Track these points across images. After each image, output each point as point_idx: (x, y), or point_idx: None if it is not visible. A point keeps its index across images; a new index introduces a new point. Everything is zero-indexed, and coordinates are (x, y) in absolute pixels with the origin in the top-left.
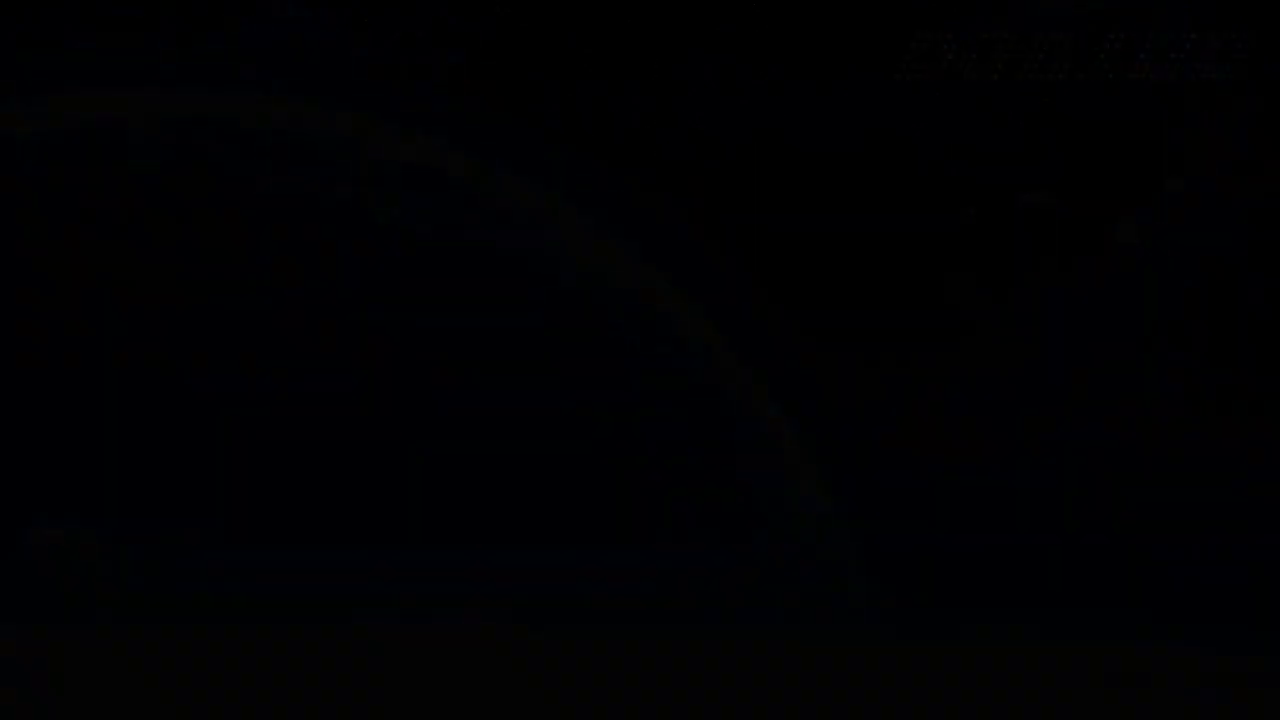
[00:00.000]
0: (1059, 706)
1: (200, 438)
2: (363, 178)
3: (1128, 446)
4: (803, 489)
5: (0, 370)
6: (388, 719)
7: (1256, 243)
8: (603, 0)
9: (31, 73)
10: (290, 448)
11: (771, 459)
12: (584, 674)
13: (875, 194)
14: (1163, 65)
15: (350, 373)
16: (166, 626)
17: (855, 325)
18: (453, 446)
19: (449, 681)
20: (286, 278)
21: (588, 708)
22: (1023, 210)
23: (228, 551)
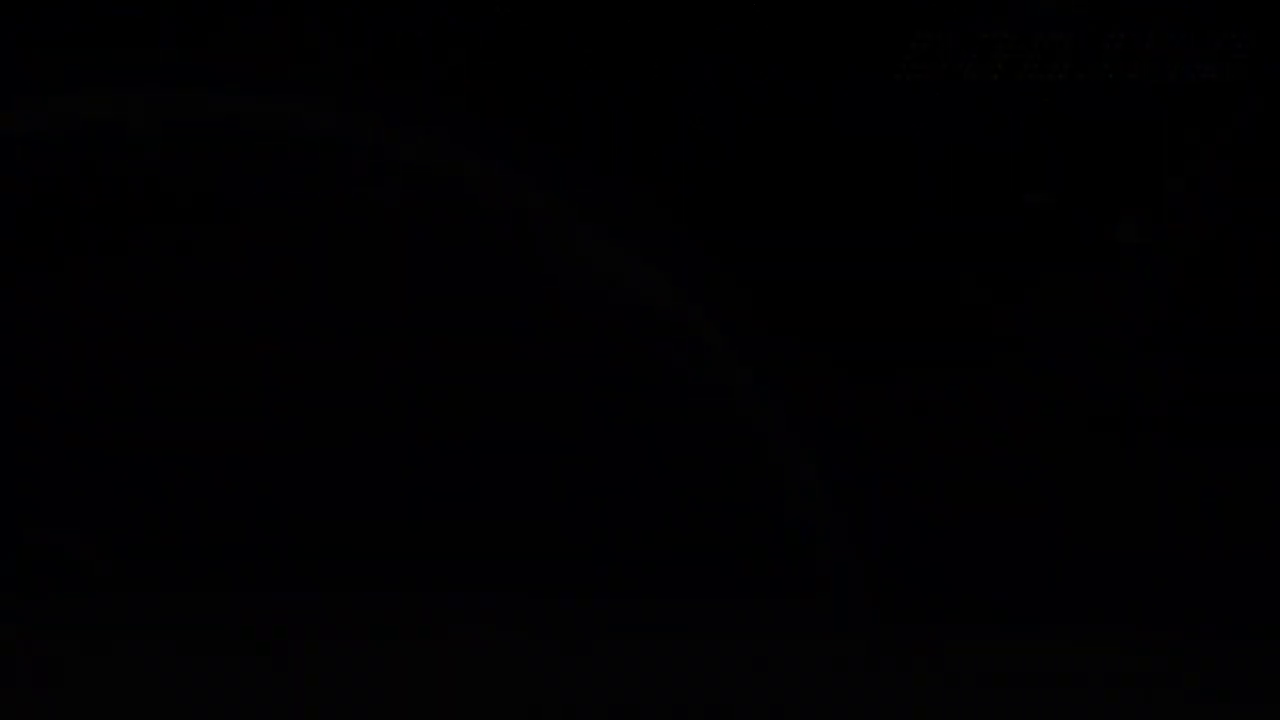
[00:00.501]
0: (1059, 706)
1: (199, 438)
2: (363, 178)
3: (1127, 447)
4: (803, 489)
5: None
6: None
7: (1256, 243)
8: (603, 0)
9: (31, 73)
10: (289, 448)
11: (772, 460)
12: (584, 674)
13: (873, 194)
14: (1163, 65)
15: (349, 373)
16: (166, 627)
17: (853, 325)
18: (452, 446)
19: (449, 682)
20: (285, 278)
21: (588, 708)
22: (1023, 210)
23: (227, 553)
